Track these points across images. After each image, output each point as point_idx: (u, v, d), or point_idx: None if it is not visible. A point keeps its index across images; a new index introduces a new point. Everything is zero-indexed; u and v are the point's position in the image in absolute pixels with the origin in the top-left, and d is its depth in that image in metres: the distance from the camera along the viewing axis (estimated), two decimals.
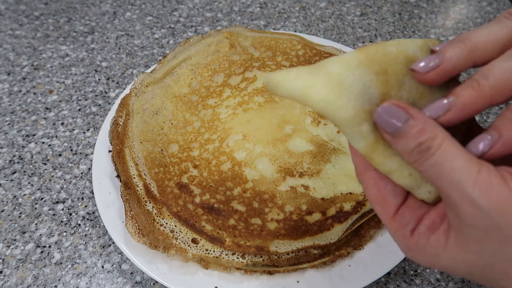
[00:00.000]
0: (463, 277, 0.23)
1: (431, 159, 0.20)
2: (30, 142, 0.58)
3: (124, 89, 0.64)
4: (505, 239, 0.19)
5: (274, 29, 0.77)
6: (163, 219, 0.42)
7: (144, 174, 0.44)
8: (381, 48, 0.22)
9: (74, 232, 0.48)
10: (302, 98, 0.20)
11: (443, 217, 0.23)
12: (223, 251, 0.40)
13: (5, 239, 0.47)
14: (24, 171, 0.54)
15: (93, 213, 0.50)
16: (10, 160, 0.55)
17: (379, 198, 0.24)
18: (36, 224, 0.49)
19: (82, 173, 0.54)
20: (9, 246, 0.47)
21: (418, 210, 0.23)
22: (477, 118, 0.60)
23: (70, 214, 0.50)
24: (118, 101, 0.54)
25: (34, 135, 0.58)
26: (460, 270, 0.22)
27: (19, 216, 0.49)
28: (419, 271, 0.44)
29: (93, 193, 0.51)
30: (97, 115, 0.61)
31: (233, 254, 0.40)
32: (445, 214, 0.22)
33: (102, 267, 0.45)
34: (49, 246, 0.47)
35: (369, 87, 0.21)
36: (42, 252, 0.46)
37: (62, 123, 0.60)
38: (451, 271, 0.23)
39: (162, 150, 0.47)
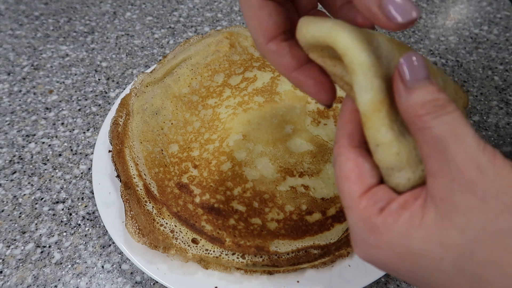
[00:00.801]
0: (431, 271, 0.20)
1: (445, 116, 0.20)
2: (30, 142, 0.58)
3: (124, 89, 0.64)
4: (500, 208, 0.18)
5: None
6: (163, 219, 0.42)
7: (144, 174, 0.44)
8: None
9: (74, 232, 0.48)
10: (328, 37, 0.21)
11: (417, 196, 0.21)
12: (223, 251, 0.40)
13: (5, 239, 0.47)
14: (24, 171, 0.54)
15: (93, 213, 0.50)
16: (10, 160, 0.55)
17: (354, 173, 0.23)
18: (36, 224, 0.49)
19: (82, 173, 0.54)
20: (9, 246, 0.47)
21: (391, 193, 0.22)
22: (477, 118, 0.60)
23: (70, 214, 0.50)
24: (118, 101, 0.54)
25: (34, 135, 0.58)
26: (433, 255, 0.20)
27: (19, 216, 0.49)
28: None
29: (93, 193, 0.51)
30: (97, 115, 0.61)
31: (233, 254, 0.40)
32: (419, 195, 0.21)
33: (102, 267, 0.45)
34: (49, 246, 0.47)
35: (392, 49, 0.22)
36: (42, 252, 0.46)
37: (62, 123, 0.60)
38: (418, 258, 0.20)
39: (162, 150, 0.47)
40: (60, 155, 0.56)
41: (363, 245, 0.22)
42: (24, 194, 0.52)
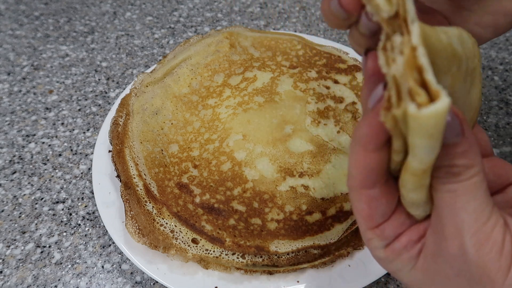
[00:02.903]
0: None
1: (453, 185, 0.19)
2: (30, 142, 0.58)
3: (124, 89, 0.64)
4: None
5: (274, 29, 0.77)
6: (163, 219, 0.42)
7: (144, 174, 0.44)
8: (435, 33, 0.19)
9: (74, 232, 0.48)
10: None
11: (421, 237, 0.22)
12: (223, 251, 0.40)
13: (5, 239, 0.47)
14: (24, 171, 0.54)
15: (93, 213, 0.50)
16: (10, 160, 0.55)
17: (366, 214, 0.23)
18: (36, 224, 0.49)
19: (82, 173, 0.54)
20: (9, 246, 0.47)
21: (400, 227, 0.23)
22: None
23: (70, 214, 0.50)
24: (118, 101, 0.54)
25: (34, 135, 0.58)
26: None
27: (19, 216, 0.49)
28: None
29: (93, 193, 0.51)
30: (97, 115, 0.61)
31: (233, 254, 0.40)
32: (424, 235, 0.22)
33: (102, 267, 0.45)
34: (49, 246, 0.47)
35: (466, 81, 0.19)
36: (42, 252, 0.46)
37: (62, 123, 0.60)
38: (406, 285, 0.23)
39: (162, 150, 0.47)
40: (60, 155, 0.56)
41: (372, 255, 0.25)
42: (24, 194, 0.52)
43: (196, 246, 0.40)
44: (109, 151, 0.50)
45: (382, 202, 0.22)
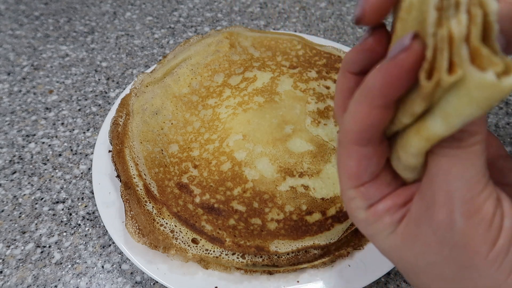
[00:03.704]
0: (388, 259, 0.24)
1: (452, 151, 0.18)
2: (30, 142, 0.58)
3: (124, 89, 0.64)
4: (450, 259, 0.19)
5: (274, 29, 0.77)
6: (163, 219, 0.42)
7: (144, 174, 0.44)
8: None
9: (74, 232, 0.48)
10: None
11: (406, 202, 0.21)
12: (223, 251, 0.40)
13: (5, 239, 0.47)
14: (24, 171, 0.54)
15: (93, 213, 0.50)
16: (10, 160, 0.55)
17: (353, 172, 0.21)
18: (36, 224, 0.49)
19: (82, 173, 0.54)
20: (9, 246, 0.47)
21: (385, 189, 0.22)
22: None
23: (70, 214, 0.50)
24: (118, 101, 0.54)
25: (34, 135, 0.58)
26: (391, 257, 0.22)
27: (19, 216, 0.49)
28: None
29: (93, 193, 0.51)
30: (97, 115, 0.61)
31: (233, 254, 0.40)
32: (410, 200, 0.21)
33: (102, 267, 0.45)
34: (49, 246, 0.47)
35: None
36: (42, 252, 0.46)
37: (62, 123, 0.60)
38: (381, 250, 0.23)
39: (162, 150, 0.47)
40: (60, 155, 0.56)
41: (349, 214, 0.24)
42: (24, 194, 0.52)
43: (196, 246, 0.40)
44: (109, 151, 0.50)
45: (373, 162, 0.21)
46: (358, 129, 0.19)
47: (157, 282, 0.44)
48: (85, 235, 0.48)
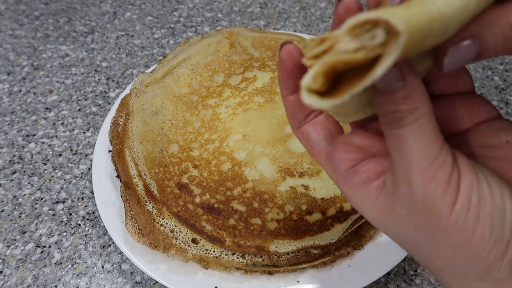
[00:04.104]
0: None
1: (398, 130, 0.19)
2: (30, 142, 0.58)
3: (124, 89, 0.64)
4: (420, 227, 0.21)
5: (274, 29, 0.77)
6: (163, 219, 0.42)
7: (144, 174, 0.44)
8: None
9: (74, 232, 0.48)
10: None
11: (380, 173, 0.23)
12: (223, 251, 0.40)
13: (5, 239, 0.47)
14: (24, 171, 0.54)
15: (93, 213, 0.50)
16: (10, 160, 0.55)
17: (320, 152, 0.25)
18: (36, 224, 0.49)
19: (82, 173, 0.54)
20: (9, 246, 0.47)
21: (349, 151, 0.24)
22: None
23: (70, 214, 0.50)
24: (118, 101, 0.54)
25: (34, 135, 0.58)
26: (377, 227, 0.24)
27: (19, 216, 0.49)
28: (419, 271, 0.44)
29: (93, 193, 0.51)
30: (97, 115, 0.61)
31: (233, 254, 0.40)
32: (384, 172, 0.23)
33: (102, 267, 0.45)
34: (49, 246, 0.47)
35: None
36: (42, 252, 0.46)
37: (62, 123, 0.60)
38: (369, 220, 0.24)
39: (162, 150, 0.47)
40: (60, 155, 0.56)
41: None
42: (24, 194, 0.52)
43: (196, 246, 0.40)
44: (109, 151, 0.50)
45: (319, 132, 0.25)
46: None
47: (157, 282, 0.44)
48: (85, 235, 0.48)
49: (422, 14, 0.16)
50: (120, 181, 0.45)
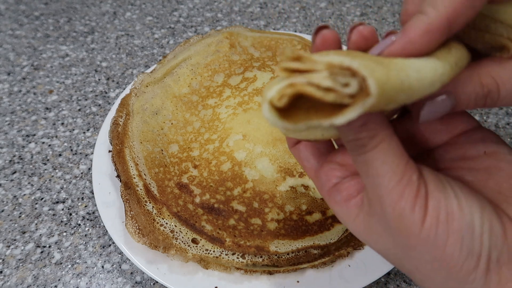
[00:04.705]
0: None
1: (362, 156, 0.20)
2: (30, 142, 0.58)
3: (124, 89, 0.64)
4: (396, 243, 0.22)
5: (274, 29, 0.77)
6: (163, 219, 0.42)
7: (144, 174, 0.44)
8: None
9: (74, 232, 0.48)
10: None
11: (360, 190, 0.24)
12: (223, 251, 0.40)
13: (5, 239, 0.47)
14: (24, 171, 0.54)
15: (93, 213, 0.50)
16: (10, 160, 0.55)
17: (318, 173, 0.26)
18: (36, 224, 0.49)
19: (82, 173, 0.54)
20: (9, 246, 0.47)
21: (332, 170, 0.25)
22: (477, 118, 0.60)
23: (70, 214, 0.50)
24: (118, 101, 0.54)
25: (34, 135, 0.58)
26: (361, 240, 0.25)
27: (19, 216, 0.49)
28: None
29: (93, 193, 0.51)
30: (97, 115, 0.61)
31: (233, 254, 0.40)
32: (362, 189, 0.24)
33: (102, 267, 0.45)
34: (49, 246, 0.47)
35: None
36: (42, 252, 0.46)
37: (62, 123, 0.60)
38: (353, 233, 0.25)
39: (162, 150, 0.47)
40: (60, 155, 0.56)
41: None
42: (24, 194, 0.52)
43: (196, 246, 0.40)
44: (109, 151, 0.50)
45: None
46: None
47: (157, 282, 0.44)
48: (85, 235, 0.48)
49: (395, 80, 0.17)
50: (120, 181, 0.45)
